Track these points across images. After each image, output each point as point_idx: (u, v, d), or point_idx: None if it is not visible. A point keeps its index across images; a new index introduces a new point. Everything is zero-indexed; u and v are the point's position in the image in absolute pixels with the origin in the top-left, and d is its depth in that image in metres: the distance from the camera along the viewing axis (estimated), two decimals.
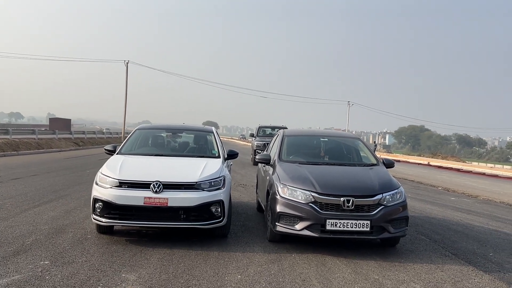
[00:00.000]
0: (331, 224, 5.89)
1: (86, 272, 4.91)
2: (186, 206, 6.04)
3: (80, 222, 7.31)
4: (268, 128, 25.02)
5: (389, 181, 6.54)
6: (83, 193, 10.21)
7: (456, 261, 6.19)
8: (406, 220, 6.33)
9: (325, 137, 8.35)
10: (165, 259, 5.56)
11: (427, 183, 19.48)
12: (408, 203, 6.56)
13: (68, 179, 13.22)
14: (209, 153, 7.72)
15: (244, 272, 5.23)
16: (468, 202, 13.60)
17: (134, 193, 6.01)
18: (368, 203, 6.05)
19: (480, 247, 7.19)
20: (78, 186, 11.53)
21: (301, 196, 6.11)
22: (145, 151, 7.71)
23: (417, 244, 7.06)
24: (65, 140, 34.97)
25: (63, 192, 10.48)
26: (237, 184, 13.21)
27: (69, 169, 16.46)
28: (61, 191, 10.63)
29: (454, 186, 18.51)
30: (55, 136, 34.45)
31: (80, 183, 12.28)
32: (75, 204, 8.96)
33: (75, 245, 5.98)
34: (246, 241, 6.64)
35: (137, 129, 8.36)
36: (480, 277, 5.53)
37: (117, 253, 5.69)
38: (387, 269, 5.61)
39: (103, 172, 6.40)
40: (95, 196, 6.16)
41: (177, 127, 8.73)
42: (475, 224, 9.31)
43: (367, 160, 7.60)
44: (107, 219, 6.09)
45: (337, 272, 5.41)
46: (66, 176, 13.94)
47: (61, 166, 17.87)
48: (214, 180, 6.38)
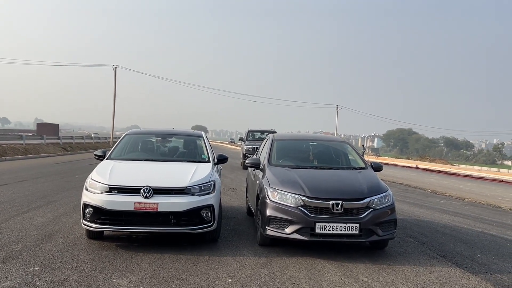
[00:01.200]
0: (321, 228, 5.94)
1: (77, 278, 4.91)
2: (176, 211, 6.05)
3: (69, 228, 7.28)
4: (257, 132, 25.03)
5: (377, 185, 6.62)
6: (73, 199, 10.17)
7: (443, 263, 6.26)
8: (394, 223, 6.40)
9: (314, 141, 8.41)
10: (155, 264, 5.57)
11: (415, 186, 19.63)
12: (396, 206, 6.63)
13: (57, 184, 13.13)
14: (199, 158, 7.74)
15: (235, 276, 5.25)
16: (456, 204, 13.75)
17: (124, 198, 6.01)
18: (357, 206, 6.11)
19: (467, 249, 7.29)
20: (67, 192, 11.47)
21: (290, 200, 6.15)
22: (135, 156, 7.70)
23: (406, 246, 7.13)
24: (53, 145, 34.66)
25: (52, 197, 10.41)
26: (226, 189, 13.22)
27: (58, 175, 16.35)
28: (50, 196, 10.56)
29: (441, 189, 18.69)
30: (43, 141, 34.14)
31: (69, 188, 12.21)
32: (64, 209, 8.92)
33: (65, 251, 5.96)
34: (237, 245, 6.66)
35: (126, 134, 8.36)
36: (467, 278, 5.61)
37: (108, 259, 5.68)
38: (376, 272, 5.67)
39: (93, 177, 6.39)
40: (85, 202, 6.15)
41: (166, 132, 8.74)
42: (462, 226, 9.42)
43: (356, 163, 7.67)
44: (97, 225, 6.08)
45: (327, 275, 5.46)
46: (55, 182, 13.84)
47: (49, 171, 17.73)
48: (204, 184, 6.40)
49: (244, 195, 10.67)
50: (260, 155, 8.54)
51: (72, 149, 37.34)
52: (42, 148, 31.81)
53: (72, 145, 39.22)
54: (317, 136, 9.83)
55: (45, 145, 33.28)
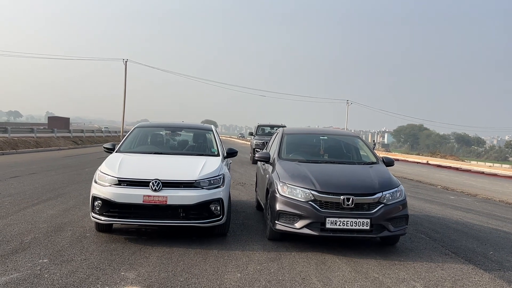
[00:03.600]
0: (331, 223, 5.87)
1: (85, 271, 4.89)
2: (185, 204, 6.03)
3: (79, 221, 7.28)
4: (267, 127, 24.97)
5: (389, 180, 6.53)
6: (82, 191, 10.19)
7: (456, 260, 6.17)
8: (406, 218, 6.31)
9: (324, 135, 8.33)
10: (164, 257, 5.54)
11: (426, 182, 19.46)
12: (407, 201, 6.54)
13: (67, 177, 13.19)
14: (208, 151, 7.70)
15: (244, 270, 5.21)
16: (468, 200, 13.60)
17: (133, 191, 5.99)
18: (368, 201, 6.03)
19: (480, 246, 7.18)
20: (77, 185, 11.50)
21: (300, 194, 6.09)
22: (144, 149, 7.68)
23: (417, 242, 7.05)
24: (63, 139, 34.90)
25: (62, 190, 10.45)
26: (236, 183, 13.18)
27: (68, 168, 16.43)
28: (60, 189, 10.60)
29: (453, 185, 18.50)
30: (53, 134, 34.38)
31: (79, 181, 12.26)
32: (74, 202, 8.94)
33: (74, 243, 5.96)
34: (246, 240, 6.62)
35: (136, 127, 8.33)
36: (480, 275, 5.52)
37: (116, 252, 5.67)
38: (387, 268, 5.60)
39: (102, 170, 6.37)
40: (94, 194, 6.14)
41: (176, 125, 8.70)
42: (474, 223, 9.30)
43: (367, 158, 7.58)
44: (106, 217, 6.06)
45: (337, 270, 5.40)
46: (65, 175, 13.91)
47: (60, 164, 17.83)
48: (214, 178, 6.36)
49: (254, 189, 10.63)
50: (270, 149, 8.48)
51: (83, 142, 37.58)
52: (53, 141, 32.03)
53: (82, 138, 39.47)
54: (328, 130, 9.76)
55: (56, 138, 33.52)
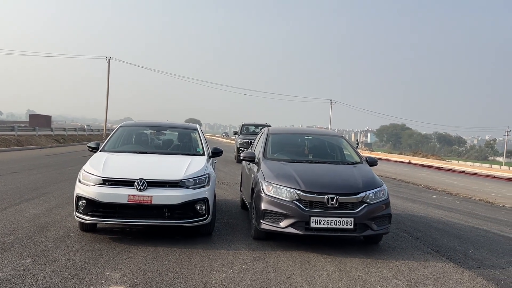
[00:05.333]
0: (315, 222, 5.93)
1: (69, 271, 4.87)
2: (171, 204, 6.03)
3: (62, 220, 7.23)
4: (251, 126, 24.99)
5: (372, 179, 6.61)
6: (65, 191, 10.10)
7: (437, 258, 6.28)
8: (389, 217, 6.40)
9: (309, 135, 8.39)
10: (149, 257, 5.54)
11: (408, 181, 19.70)
12: (390, 201, 6.63)
13: (50, 176, 13.04)
14: (194, 151, 7.70)
15: (229, 269, 5.23)
16: (449, 199, 13.81)
17: (118, 190, 5.97)
18: (352, 200, 6.10)
19: (461, 244, 7.31)
20: (60, 184, 11.39)
21: (285, 194, 6.14)
22: (128, 148, 7.65)
23: (400, 241, 7.15)
24: (45, 137, 34.44)
25: (45, 189, 10.34)
26: (220, 182, 13.18)
27: (51, 166, 16.24)
28: (43, 188, 10.49)
29: (434, 184, 18.76)
30: (35, 132, 33.91)
31: (62, 180, 12.13)
32: (57, 201, 8.86)
33: (58, 243, 5.91)
34: (231, 239, 6.64)
35: (120, 126, 8.28)
36: (461, 273, 5.63)
37: (101, 251, 5.65)
38: (371, 266, 5.68)
39: (87, 169, 6.34)
40: (78, 194, 6.10)
41: (161, 125, 8.68)
42: (455, 222, 9.46)
43: (351, 158, 7.66)
44: (90, 217, 6.03)
45: (321, 269, 5.46)
46: (48, 173, 13.75)
47: (42, 163, 17.61)
48: (199, 178, 6.37)
49: (239, 188, 10.65)
50: (255, 148, 8.51)
51: (65, 141, 37.13)
52: (35, 139, 31.59)
53: (64, 137, 39.00)
54: (312, 130, 9.81)
55: (37, 136, 33.06)
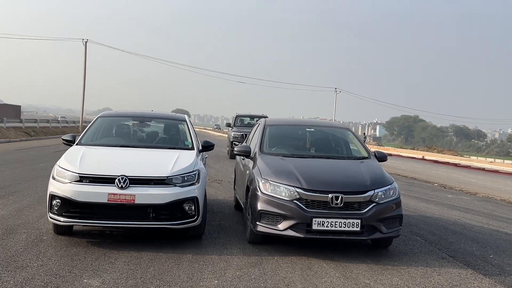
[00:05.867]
0: (318, 224, 5.95)
1: (43, 278, 4.88)
2: (156, 204, 6.03)
3: (34, 222, 7.22)
4: (246, 117, 25.00)
5: (381, 176, 6.64)
6: (38, 189, 10.09)
7: (453, 264, 6.33)
8: (399, 219, 6.43)
9: (311, 127, 8.41)
10: (132, 262, 5.55)
11: (421, 179, 19.77)
12: (401, 200, 6.66)
13: (20, 173, 13.02)
14: (182, 144, 7.71)
15: (221, 277, 5.26)
16: (467, 199, 13.88)
17: (96, 189, 5.97)
18: (359, 200, 6.13)
19: (480, 249, 7.36)
20: (31, 181, 11.38)
21: (284, 193, 6.15)
22: (108, 141, 7.64)
23: (412, 245, 7.19)
24: (14, 130, 34.35)
25: (14, 188, 10.32)
26: (212, 180, 13.20)
27: (21, 162, 16.22)
28: (12, 186, 10.47)
29: (451, 183, 18.84)
30: (2, 124, 33.77)
31: (34, 177, 12.12)
32: (28, 201, 8.85)
33: (29, 247, 5.91)
34: (223, 243, 6.67)
35: (99, 117, 8.27)
36: (480, 281, 5.68)
37: (78, 257, 5.65)
38: (379, 273, 5.71)
39: (61, 165, 6.33)
40: (52, 192, 6.10)
41: (145, 115, 8.67)
42: (474, 224, 9.52)
43: (358, 152, 7.69)
44: (65, 218, 6.03)
45: (324, 276, 5.49)
46: (17, 170, 13.72)
47: (10, 158, 17.57)
48: (188, 174, 6.37)
49: (232, 187, 10.66)
50: (250, 142, 8.52)
51: (37, 134, 37.03)
52: (2, 132, 31.49)
53: (36, 129, 38.89)
54: (315, 121, 9.85)
55: (5, 129, 32.94)
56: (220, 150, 25.19)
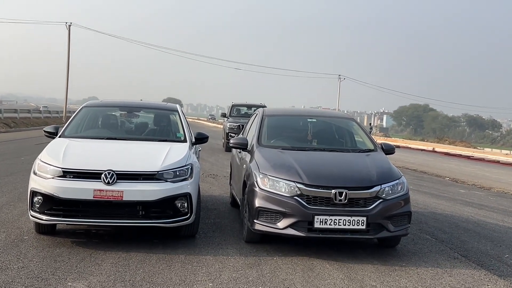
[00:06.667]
0: (320, 221, 5.96)
1: (23, 281, 4.88)
2: (146, 201, 6.03)
3: (14, 221, 7.23)
4: (243, 107, 25.01)
5: (388, 170, 6.64)
6: (18, 185, 10.10)
7: (466, 264, 6.35)
8: (408, 216, 6.44)
9: (313, 117, 8.40)
10: (120, 264, 5.56)
11: (432, 172, 19.81)
12: (410, 196, 6.67)
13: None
14: (173, 137, 7.71)
15: (217, 279, 5.26)
16: (480, 195, 13.91)
17: (81, 184, 5.97)
18: (364, 196, 6.13)
19: (494, 248, 7.38)
20: (10, 177, 11.38)
21: (284, 188, 6.15)
22: (94, 133, 7.64)
23: (421, 244, 7.21)
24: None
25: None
26: (206, 174, 13.21)
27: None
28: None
29: (463, 177, 18.88)
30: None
31: (13, 172, 12.12)
32: (7, 198, 8.85)
33: (9, 248, 5.92)
34: (218, 242, 6.68)
35: (84, 107, 8.25)
36: (494, 282, 5.70)
37: (61, 258, 5.65)
38: (386, 274, 5.73)
39: (43, 159, 6.32)
40: (34, 189, 6.09)
41: (133, 105, 8.66)
42: (488, 221, 9.54)
43: (363, 145, 7.69)
44: (48, 217, 6.02)
45: (327, 278, 5.50)
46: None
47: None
48: (180, 169, 6.37)
49: (228, 182, 10.67)
50: (247, 134, 8.51)
51: (17, 125, 36.97)
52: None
53: (16, 120, 38.82)
54: (317, 111, 9.84)
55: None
56: (215, 142, 25.20)
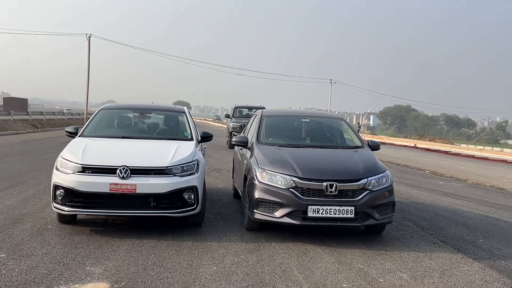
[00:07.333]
0: (313, 211, 5.93)
1: (47, 266, 4.85)
2: (156, 193, 6.00)
3: (39, 211, 7.19)
4: (244, 109, 24.97)
5: (374, 165, 6.61)
6: (43, 180, 10.05)
7: (444, 249, 6.31)
8: (392, 205, 6.41)
9: (306, 117, 8.37)
10: (133, 250, 5.52)
11: (413, 166, 19.77)
12: (394, 187, 6.63)
13: (26, 164, 12.98)
14: (181, 135, 7.66)
15: (220, 263, 5.24)
16: (457, 186, 13.88)
17: (98, 179, 5.93)
18: (353, 188, 6.10)
19: (470, 234, 7.35)
20: (37, 172, 11.34)
21: (281, 181, 6.12)
22: (110, 133, 7.60)
23: (404, 231, 7.17)
24: (21, 122, 34.29)
25: (20, 178, 10.28)
26: (211, 169, 13.18)
27: (27, 154, 16.16)
28: (18, 177, 10.43)
29: (442, 170, 18.84)
30: (10, 117, 33.71)
31: (39, 168, 12.07)
32: (33, 191, 8.81)
33: (34, 236, 5.89)
34: (222, 230, 6.64)
35: (101, 109, 8.22)
36: (470, 265, 5.66)
37: (81, 245, 5.63)
38: (372, 258, 5.69)
39: (64, 156, 6.29)
40: (56, 183, 6.06)
41: (145, 107, 8.63)
42: (464, 210, 9.51)
43: (351, 142, 7.65)
44: (69, 208, 6.00)
45: (320, 261, 5.47)
46: (24, 161, 13.69)
47: (17, 150, 17.53)
48: (187, 164, 6.34)
49: (230, 176, 10.64)
50: (248, 132, 8.48)
51: (43, 126, 36.98)
52: (9, 124, 31.44)
53: (42, 121, 38.85)
54: (310, 112, 9.80)
55: (12, 121, 32.90)
56: (219, 140, 25.16)
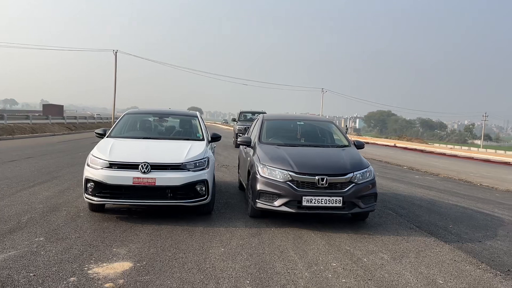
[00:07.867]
0: (307, 201, 5.92)
1: (79, 247, 4.86)
2: (173, 185, 6.00)
3: (73, 201, 7.20)
4: (248, 113, 24.93)
5: (359, 161, 6.59)
6: (76, 174, 10.06)
7: (419, 233, 6.29)
8: (375, 196, 6.39)
9: (301, 121, 8.35)
10: (153, 234, 5.53)
11: (393, 163, 19.70)
12: (376, 181, 6.62)
13: (62, 161, 12.99)
14: (194, 136, 7.65)
15: (227, 245, 5.23)
16: (431, 179, 13.82)
17: (123, 173, 5.93)
18: (341, 181, 6.09)
19: (441, 220, 7.32)
20: (71, 168, 11.35)
21: (279, 175, 6.11)
22: (133, 134, 7.60)
23: (385, 218, 7.15)
24: (58, 125, 34.32)
25: (57, 173, 10.30)
26: (220, 165, 13.16)
27: (62, 152, 16.19)
28: (55, 172, 10.45)
29: (418, 166, 18.76)
30: (48, 121, 33.78)
31: (73, 164, 12.09)
32: (68, 184, 8.82)
33: (69, 222, 5.90)
34: (229, 217, 6.64)
35: (125, 114, 8.22)
36: (441, 247, 5.65)
37: (108, 229, 5.63)
38: (358, 241, 5.68)
39: (94, 154, 6.29)
40: (87, 177, 6.06)
41: (163, 112, 8.63)
42: (436, 200, 9.47)
43: (340, 142, 7.63)
44: (98, 198, 6.01)
45: (312, 244, 5.46)
46: (60, 158, 13.70)
47: (54, 149, 17.54)
48: (199, 161, 6.33)
49: (236, 171, 10.63)
50: (251, 134, 8.46)
51: (76, 128, 37.03)
52: (48, 127, 31.48)
53: (76, 124, 38.89)
54: (304, 116, 9.76)
55: (50, 124, 32.95)
56: (227, 141, 25.15)
